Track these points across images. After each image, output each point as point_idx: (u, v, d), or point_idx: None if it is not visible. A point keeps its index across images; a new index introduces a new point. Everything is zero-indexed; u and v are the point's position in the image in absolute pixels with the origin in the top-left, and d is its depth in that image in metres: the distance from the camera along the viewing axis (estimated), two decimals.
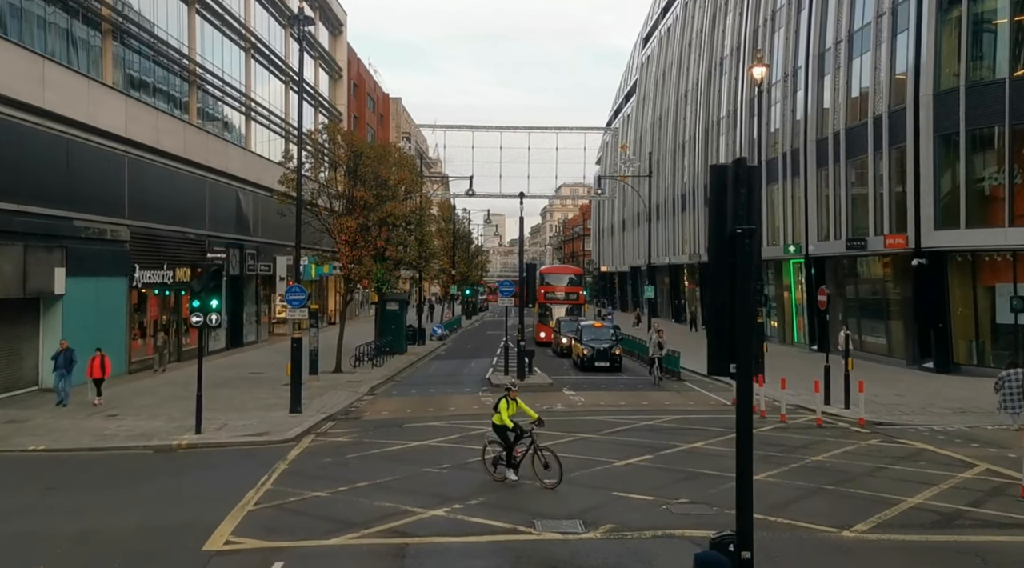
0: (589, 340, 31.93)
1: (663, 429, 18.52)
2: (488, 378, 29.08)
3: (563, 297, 44.69)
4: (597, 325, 34.06)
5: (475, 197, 57.32)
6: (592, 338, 32.14)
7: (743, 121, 48.21)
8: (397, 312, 38.75)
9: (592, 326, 33.91)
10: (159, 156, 30.79)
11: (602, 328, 33.55)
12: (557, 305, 44.01)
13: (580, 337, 32.85)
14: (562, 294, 44.81)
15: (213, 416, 20.65)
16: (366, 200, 29.33)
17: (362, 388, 26.49)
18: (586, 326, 34.06)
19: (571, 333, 35.45)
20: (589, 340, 31.93)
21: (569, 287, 45.69)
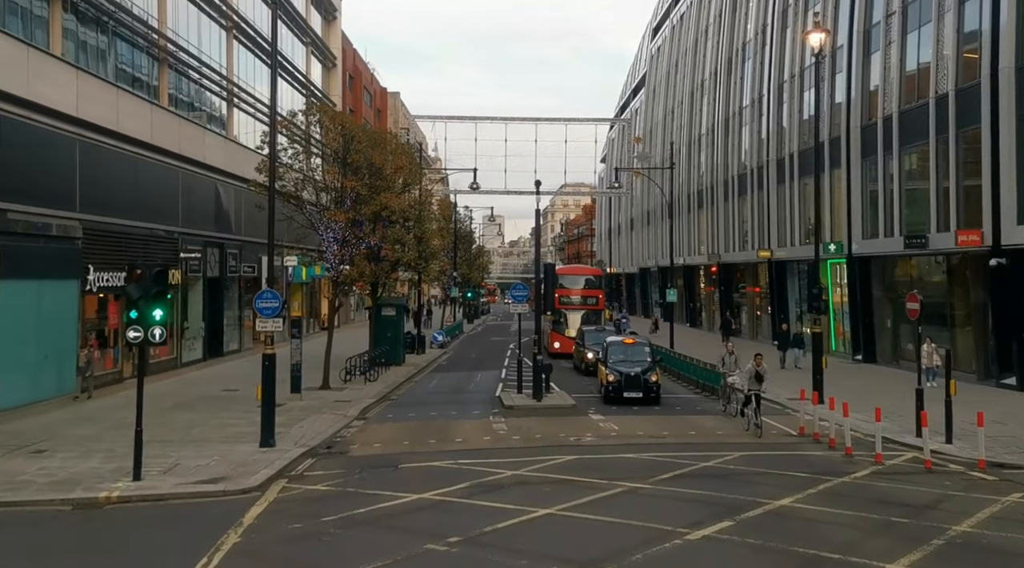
0: (617, 362, 24.35)
1: (730, 474, 14.56)
2: (499, 397, 25.13)
3: (580, 302, 39.26)
4: (627, 341, 26.38)
5: (478, 193, 53.41)
6: (620, 359, 24.55)
7: (770, 109, 44.28)
8: (394, 318, 34.80)
9: (620, 343, 26.24)
10: (120, 141, 26.83)
11: (634, 346, 25.70)
12: (573, 311, 38.70)
13: (605, 358, 25.13)
14: (578, 298, 39.34)
15: (164, 451, 16.73)
16: (357, 191, 25.41)
17: (352, 410, 22.55)
18: (613, 343, 26.11)
19: (598, 347, 28.46)
20: (617, 362, 24.35)
21: (586, 290, 40.10)
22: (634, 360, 24.41)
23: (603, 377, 24.31)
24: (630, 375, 23.45)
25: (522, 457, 16.18)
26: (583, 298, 39.53)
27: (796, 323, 42.87)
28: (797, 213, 40.92)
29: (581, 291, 39.78)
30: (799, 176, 40.53)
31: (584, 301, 39.38)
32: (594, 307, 39.56)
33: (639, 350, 25.43)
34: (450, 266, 58.26)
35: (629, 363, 24.16)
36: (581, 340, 32.30)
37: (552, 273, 26.32)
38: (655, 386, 23.63)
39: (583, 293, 39.74)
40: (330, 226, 25.98)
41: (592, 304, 39.65)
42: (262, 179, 25.30)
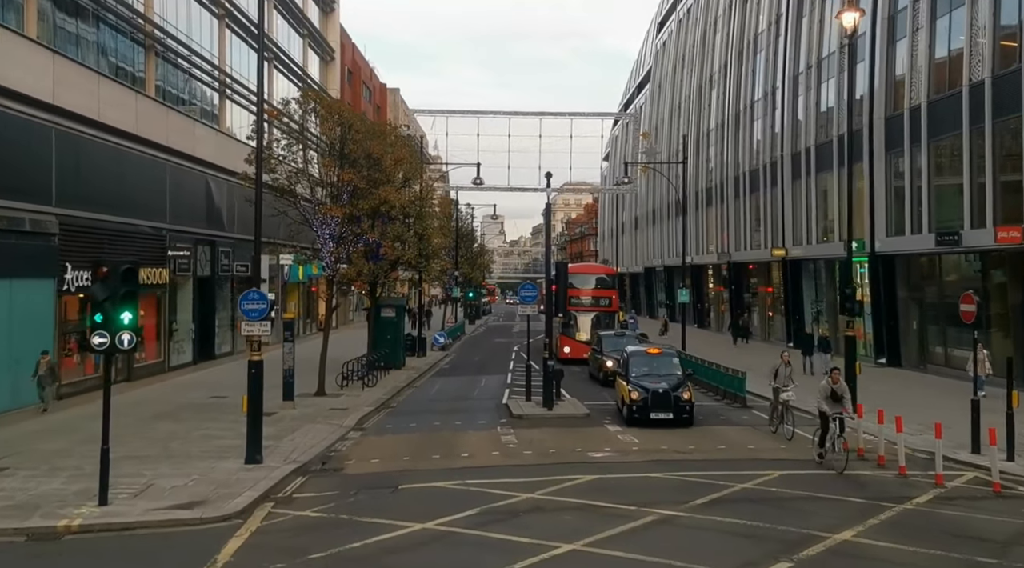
0: (640, 376, 20.45)
1: (774, 499, 12.89)
2: (506, 404, 23.45)
3: (591, 303, 36.15)
4: (652, 352, 22.43)
5: (481, 190, 51.71)
6: (644, 372, 20.66)
7: (785, 102, 42.61)
8: (393, 320, 33.17)
9: (644, 353, 22.24)
10: (102, 131, 25.15)
11: (660, 357, 21.86)
12: (584, 313, 35.65)
13: (625, 371, 21.15)
14: (590, 299, 36.27)
15: (138, 469, 15.08)
16: (355, 184, 23.75)
17: (348, 419, 20.89)
18: (635, 354, 22.03)
19: (618, 354, 25.17)
20: (640, 376, 20.45)
21: (599, 290, 36.98)
22: (661, 374, 20.57)
23: (625, 394, 20.34)
24: (658, 392, 19.60)
25: (536, 476, 14.53)
26: (595, 299, 36.49)
27: (812, 325, 41.23)
28: (814, 210, 39.26)
29: (593, 291, 36.73)
30: (816, 171, 38.87)
31: (596, 302, 36.38)
32: (607, 308, 36.56)
33: (667, 362, 21.62)
34: (451, 265, 56.60)
35: (655, 378, 20.31)
36: (599, 346, 29.06)
37: (564, 272, 23.48)
38: (688, 405, 19.71)
39: (595, 294, 36.67)
40: (326, 222, 24.31)
41: (605, 305, 36.61)
42: (252, 171, 23.67)
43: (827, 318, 39.24)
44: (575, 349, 34.49)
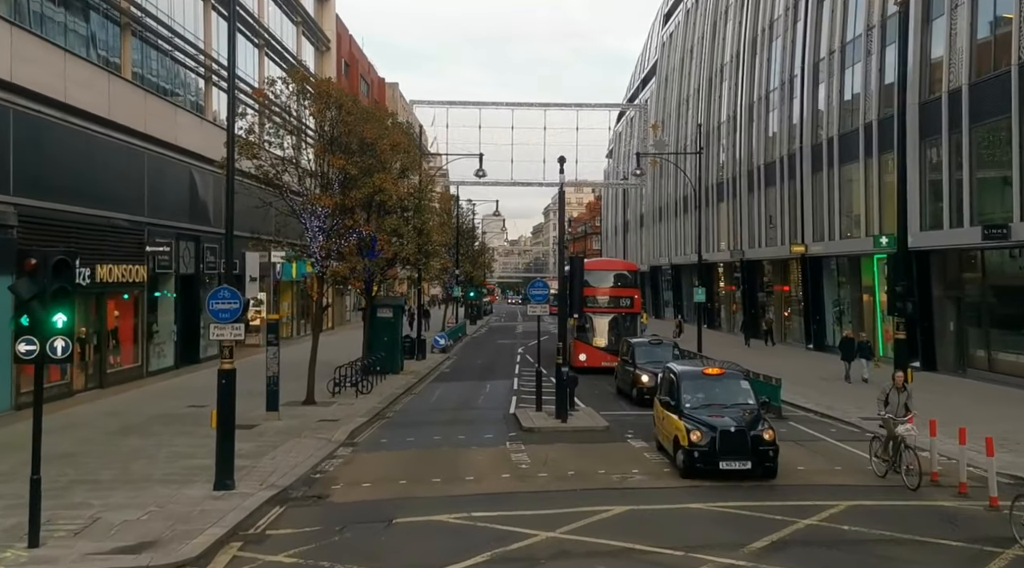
0: (697, 407, 15.12)
1: (850, 541, 10.60)
2: (514, 414, 21.18)
3: (609, 303, 32.11)
4: (712, 371, 16.35)
5: (484, 185, 49.46)
6: (702, 401, 15.30)
7: (804, 90, 40.33)
8: (391, 321, 30.90)
9: (699, 374, 16.33)
10: (69, 114, 22.91)
11: (723, 378, 16.09)
12: (601, 315, 31.66)
13: (675, 400, 15.41)
14: (607, 299, 32.18)
15: (87, 498, 12.84)
16: (346, 171, 21.48)
17: (338, 433, 18.62)
18: (688, 375, 16.15)
19: (655, 367, 21.37)
20: (697, 407, 15.12)
21: (618, 289, 32.67)
22: (728, 405, 15.07)
23: (680, 433, 14.47)
24: (729, 432, 14.03)
25: (556, 507, 12.29)
26: (614, 299, 32.25)
27: (834, 327, 39.01)
28: (837, 203, 37.00)
29: (611, 291, 32.46)
30: (839, 163, 36.60)
31: (615, 303, 32.21)
32: (628, 310, 32.18)
33: (733, 386, 15.76)
34: (452, 263, 54.32)
35: (719, 409, 14.89)
36: (629, 356, 24.58)
37: (579, 268, 21.42)
38: (771, 449, 14.07)
39: (614, 293, 32.44)
40: (315, 213, 22.04)
41: (625, 306, 32.22)
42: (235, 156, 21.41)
43: (851, 318, 37.01)
44: (592, 356, 30.84)
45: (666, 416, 15.65)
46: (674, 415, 15.10)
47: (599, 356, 30.64)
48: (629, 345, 25.43)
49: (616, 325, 31.68)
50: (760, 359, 32.38)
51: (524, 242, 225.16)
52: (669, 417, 15.40)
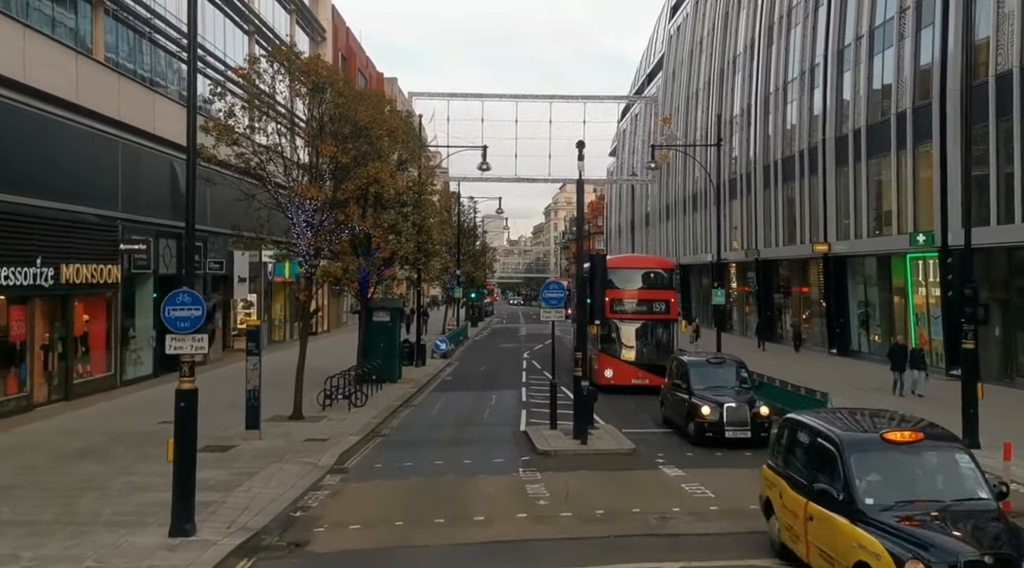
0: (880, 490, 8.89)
1: None
2: (525, 432, 18.83)
3: (640, 309, 26.82)
4: (902, 437, 9.22)
5: (486, 180, 47.14)
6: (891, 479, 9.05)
7: (827, 79, 37.98)
8: (388, 325, 28.50)
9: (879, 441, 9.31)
10: (29, 96, 20.56)
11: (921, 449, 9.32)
12: (629, 322, 26.63)
13: (779, 457, 10.61)
14: (637, 303, 26.92)
15: (14, 547, 10.60)
16: (337, 159, 19.13)
17: (327, 456, 16.27)
18: (821, 425, 9.90)
19: (715, 393, 17.79)
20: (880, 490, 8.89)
21: (650, 290, 27.23)
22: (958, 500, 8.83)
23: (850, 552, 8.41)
24: None
25: (587, 561, 9.96)
26: (645, 303, 26.96)
27: (859, 331, 36.71)
28: (864, 199, 34.67)
29: (642, 292, 27.19)
30: (867, 156, 34.27)
31: (647, 307, 26.87)
32: (662, 316, 26.90)
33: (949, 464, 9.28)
34: (453, 263, 51.98)
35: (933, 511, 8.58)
36: (683, 379, 18.88)
37: (601, 266, 17.88)
38: None
39: (645, 295, 27.11)
40: (302, 207, 19.69)
41: (659, 312, 26.89)
42: (212, 141, 19.14)
43: (879, 322, 34.71)
44: (620, 372, 25.93)
45: (786, 493, 10.03)
46: (797, 491, 9.69)
47: (628, 371, 25.99)
48: (681, 365, 19.61)
49: (648, 334, 26.90)
50: (781, 365, 30.03)
51: (524, 242, 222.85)
52: (793, 498, 9.77)
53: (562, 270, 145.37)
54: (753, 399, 17.82)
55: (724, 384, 18.33)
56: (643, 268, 29.22)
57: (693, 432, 17.36)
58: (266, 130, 20.02)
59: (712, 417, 17.07)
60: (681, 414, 18.33)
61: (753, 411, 17.18)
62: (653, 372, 24.79)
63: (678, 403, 18.70)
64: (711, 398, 17.49)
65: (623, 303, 26.84)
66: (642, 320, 26.79)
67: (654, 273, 28.52)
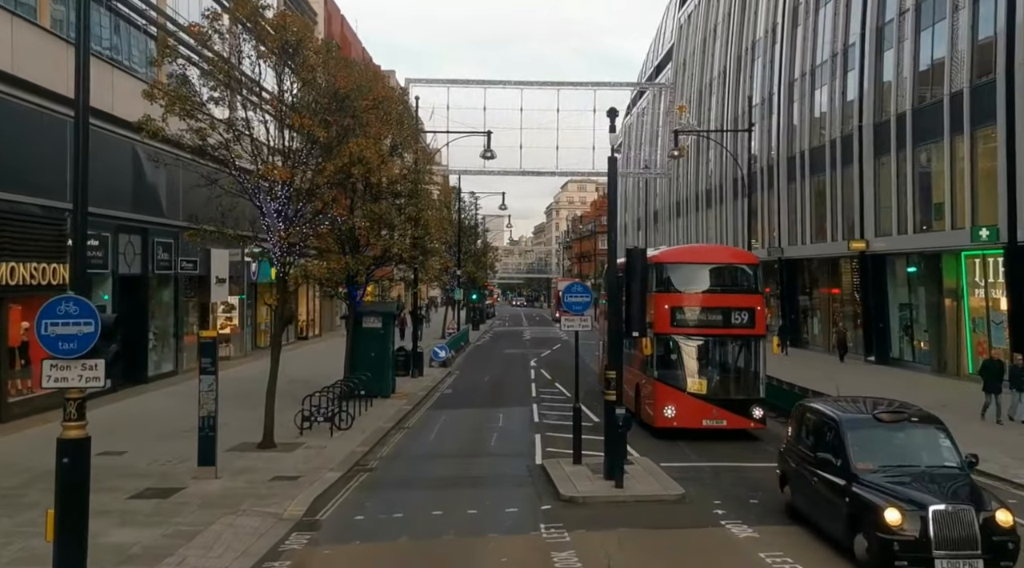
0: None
1: None
2: (542, 467, 15.41)
3: (707, 319, 19.29)
4: None
5: (489, 174, 43.78)
6: None
7: (864, 61, 34.59)
8: (379, 332, 25.10)
9: None
10: None
11: None
12: (694, 337, 19.20)
13: None
14: (705, 312, 19.37)
15: None
16: (312, 133, 15.73)
17: (295, 503, 12.87)
18: None
19: (899, 481, 10.26)
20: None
21: (724, 294, 19.78)
22: None
23: None
24: None
25: None
26: (720, 312, 19.15)
27: (901, 337, 33.32)
28: (910, 191, 31.24)
29: (716, 297, 19.49)
30: (913, 142, 30.86)
31: (724, 318, 19.10)
32: (744, 330, 19.11)
33: None
34: (453, 263, 48.57)
35: None
36: (831, 450, 11.18)
37: (640, 262, 14.21)
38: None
39: (720, 301, 19.40)
40: (272, 192, 16.32)
41: (740, 324, 19.08)
42: (159, 112, 15.84)
43: (925, 327, 31.32)
44: (686, 410, 18.62)
45: None
46: None
47: (698, 409, 18.66)
48: (826, 424, 11.58)
49: (726, 356, 19.66)
50: (817, 375, 26.52)
51: (525, 242, 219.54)
52: None
53: (564, 270, 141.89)
54: (978, 493, 10.12)
55: (915, 463, 10.72)
56: (716, 263, 20.84)
57: (866, 552, 9.85)
58: (229, 102, 16.65)
59: (906, 529, 9.50)
60: (833, 513, 10.74)
61: (984, 518, 9.56)
62: (733, 410, 18.68)
63: (823, 491, 11.12)
64: (899, 492, 9.99)
65: (689, 312, 19.27)
66: (716, 336, 19.23)
67: (732, 270, 20.64)
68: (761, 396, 19.06)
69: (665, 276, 19.54)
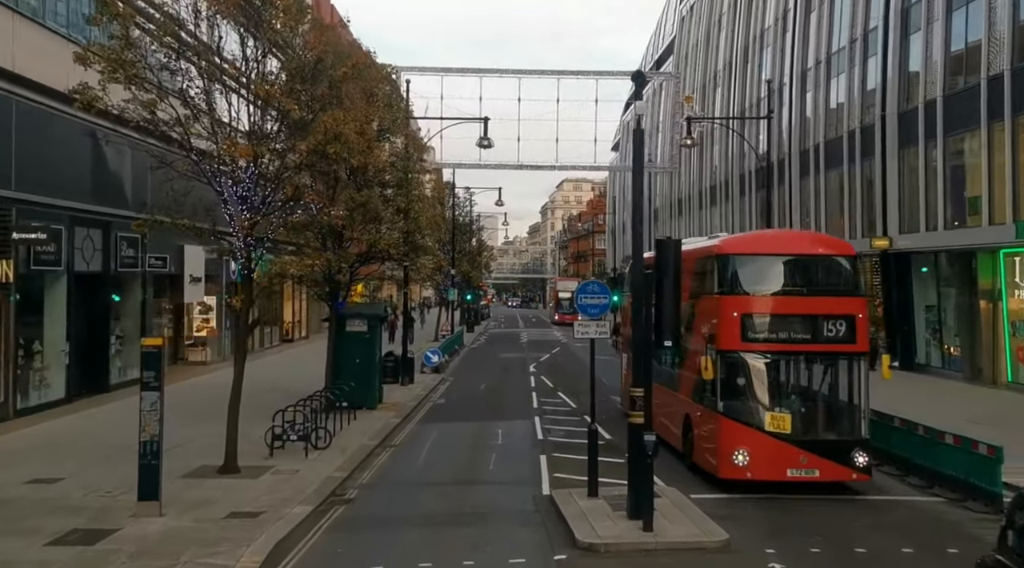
0: None
1: None
2: (550, 498, 13.01)
3: (792, 331, 14.30)
4: None
5: (485, 168, 41.39)
6: None
7: (887, 45, 32.28)
8: (365, 336, 22.66)
9: None
10: None
11: None
12: (779, 357, 14.35)
13: None
14: (789, 321, 14.34)
15: None
16: (280, 104, 13.33)
17: (250, 552, 10.48)
18: None
19: None
20: None
21: (814, 296, 14.61)
22: None
23: None
24: None
25: None
26: (808, 322, 14.34)
27: (927, 342, 31.04)
28: (940, 184, 28.94)
29: (801, 301, 14.62)
30: (944, 132, 28.57)
31: (815, 332, 14.28)
32: (843, 347, 14.28)
33: None
34: (447, 262, 46.16)
35: None
36: None
37: (674, 255, 11.20)
38: None
39: (811, 307, 14.43)
40: (235, 175, 13.92)
41: (839, 339, 14.24)
42: (98, 77, 13.50)
43: (956, 331, 29.05)
44: (763, 456, 13.70)
45: None
46: None
47: (781, 454, 13.68)
48: None
49: (819, 381, 14.80)
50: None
51: (520, 242, 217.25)
52: None
53: (560, 270, 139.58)
54: None
55: None
56: (803, 254, 15.53)
57: None
58: (184, 70, 14.26)
59: None
60: None
61: None
62: (828, 455, 13.71)
63: None
64: None
65: (768, 322, 14.32)
66: (806, 354, 14.40)
67: (825, 263, 15.39)
68: (865, 436, 13.96)
69: (733, 272, 14.54)
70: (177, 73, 14.43)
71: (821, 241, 18.96)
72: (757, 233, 29.00)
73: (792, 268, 15.01)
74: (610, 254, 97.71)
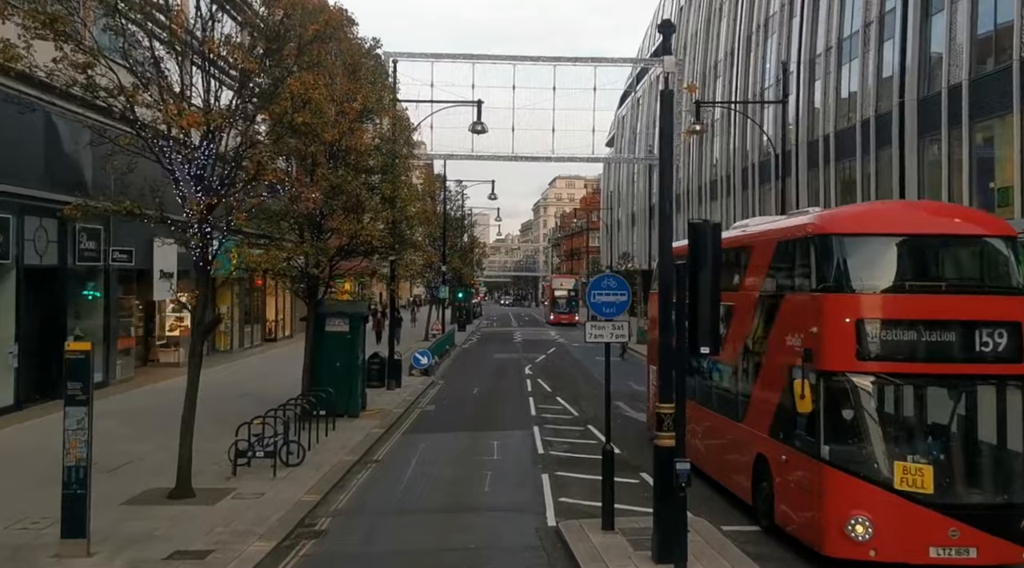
0: None
1: None
2: (557, 531, 11.02)
3: (933, 345, 10.12)
4: None
5: (479, 159, 39.20)
6: None
7: (911, 23, 30.29)
8: (347, 337, 20.56)
9: None
10: None
11: None
12: (915, 380, 10.23)
13: None
14: (922, 331, 10.12)
15: None
16: (238, 62, 11.28)
17: None
18: None
19: None
20: None
21: (964, 297, 10.38)
22: None
23: None
24: None
25: None
26: (953, 332, 10.09)
27: None
28: (966, 173, 26.99)
29: (940, 301, 10.26)
30: (970, 118, 26.62)
31: (962, 344, 10.07)
32: (1001, 366, 9.98)
33: None
34: (437, 257, 44.11)
35: None
36: None
37: (713, 241, 8.93)
38: None
39: (954, 309, 10.18)
40: (188, 153, 11.86)
41: (996, 357, 9.95)
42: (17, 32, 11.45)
43: None
44: (893, 525, 9.68)
45: None
46: None
47: (920, 523, 9.69)
48: None
49: (965, 417, 10.40)
50: None
51: (512, 240, 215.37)
52: None
53: (553, 268, 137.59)
54: None
55: None
56: (943, 233, 11.05)
57: None
58: (121, 27, 12.21)
59: None
60: None
61: None
62: (988, 527, 9.75)
63: None
64: None
65: (896, 330, 10.23)
66: (951, 376, 10.25)
67: (974, 247, 11.06)
68: None
69: (841, 261, 10.42)
70: (116, 31, 12.41)
71: (967, 216, 13.77)
72: (870, 206, 21.71)
73: (928, 254, 10.81)
74: (604, 252, 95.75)
